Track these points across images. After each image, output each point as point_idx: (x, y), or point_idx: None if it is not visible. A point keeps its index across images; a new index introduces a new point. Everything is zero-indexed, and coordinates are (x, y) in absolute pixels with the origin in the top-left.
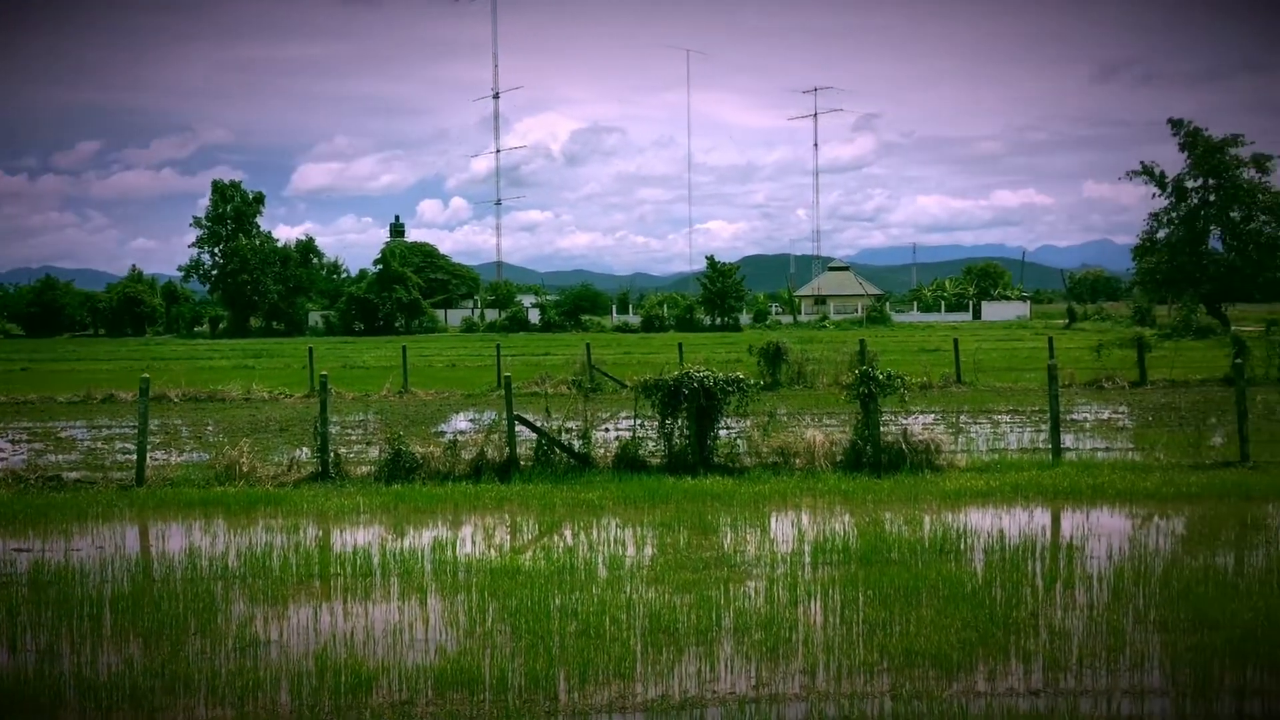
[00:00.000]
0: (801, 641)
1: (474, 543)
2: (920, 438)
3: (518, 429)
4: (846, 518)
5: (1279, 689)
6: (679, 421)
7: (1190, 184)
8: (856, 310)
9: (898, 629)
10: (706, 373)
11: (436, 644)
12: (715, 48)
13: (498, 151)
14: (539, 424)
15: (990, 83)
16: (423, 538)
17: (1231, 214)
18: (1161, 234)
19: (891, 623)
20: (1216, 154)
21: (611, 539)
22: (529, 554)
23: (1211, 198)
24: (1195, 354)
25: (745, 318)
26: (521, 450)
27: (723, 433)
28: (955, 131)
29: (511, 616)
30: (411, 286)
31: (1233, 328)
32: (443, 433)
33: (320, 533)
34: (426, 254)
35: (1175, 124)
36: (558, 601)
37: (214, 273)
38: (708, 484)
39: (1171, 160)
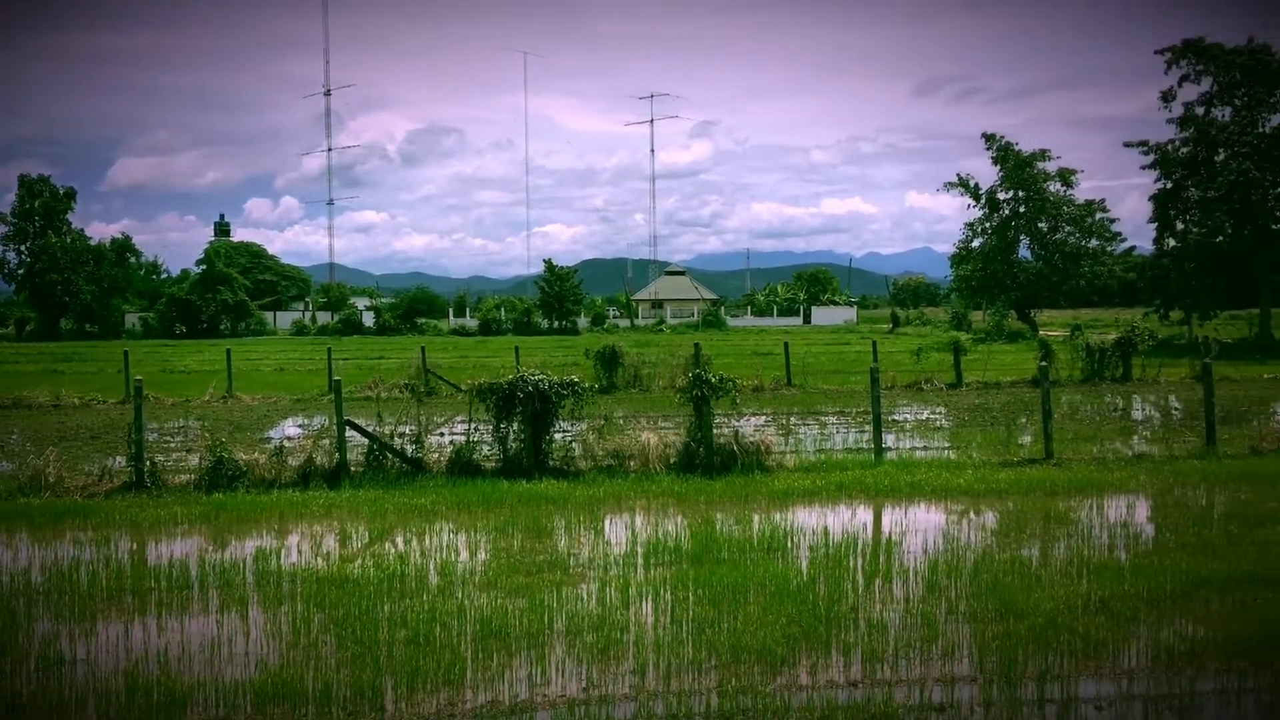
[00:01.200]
0: (632, 642)
1: (300, 552)
2: (751, 439)
3: (349, 434)
4: (679, 519)
5: (1077, 672)
6: (514, 425)
7: (1002, 196)
8: (693, 314)
9: (726, 627)
10: (542, 376)
11: (258, 658)
12: (555, 51)
13: (329, 150)
14: (370, 429)
15: (823, 95)
16: (245, 548)
17: (1039, 225)
18: (976, 243)
19: (720, 621)
20: (1026, 168)
21: (444, 545)
22: (358, 562)
23: (1021, 209)
24: (1007, 357)
25: (583, 321)
26: (352, 456)
27: (558, 436)
28: (789, 141)
29: (338, 626)
30: (238, 288)
31: (1040, 332)
32: (269, 439)
33: (134, 545)
34: (254, 254)
35: (989, 138)
36: (386, 610)
37: (20, 272)
38: (543, 487)
39: (986, 173)
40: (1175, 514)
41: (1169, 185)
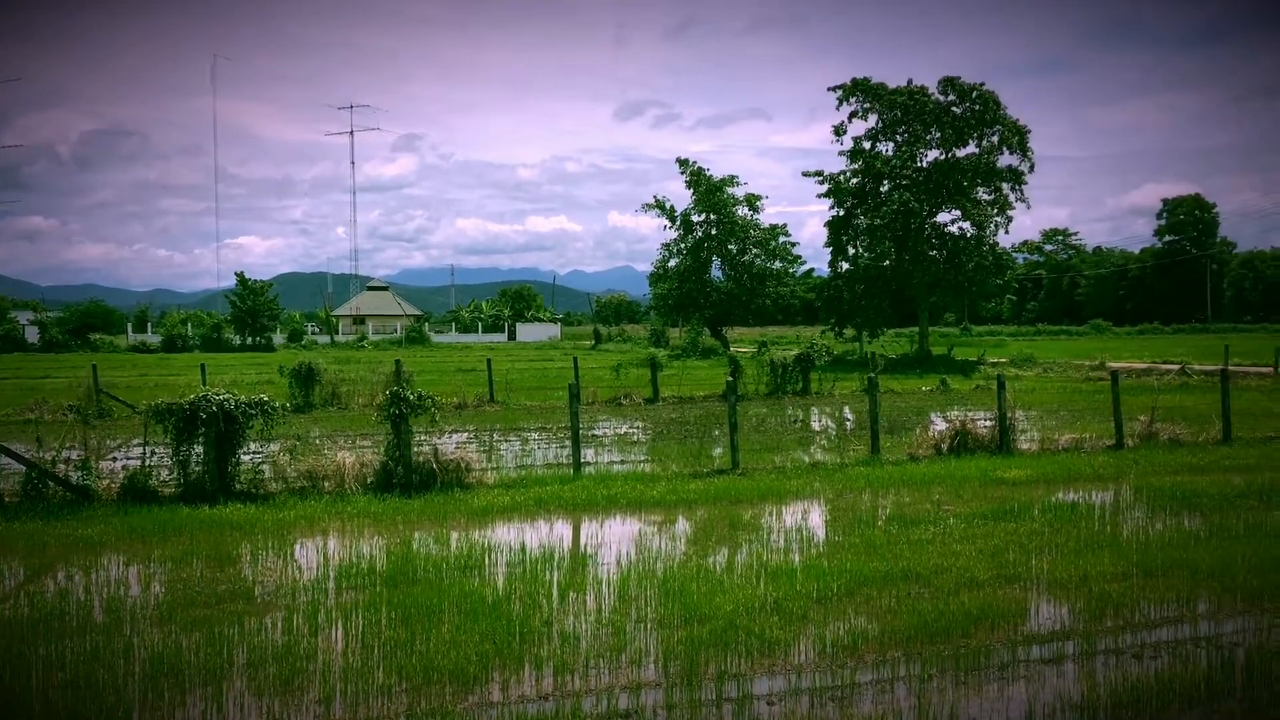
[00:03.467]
0: (319, 671)
1: None
2: (452, 457)
3: (3, 461)
4: (376, 540)
5: (753, 671)
6: (196, 448)
7: (695, 218)
8: (396, 330)
9: (418, 648)
10: (228, 395)
11: None
12: (249, 55)
13: None
14: (27, 454)
15: (529, 114)
16: None
17: (730, 246)
18: (672, 263)
19: (413, 643)
20: (717, 192)
21: (113, 579)
22: (9, 603)
23: (713, 231)
24: (701, 372)
25: (279, 338)
26: (7, 485)
27: (247, 458)
28: (495, 157)
29: None
30: None
31: (731, 349)
32: None
33: None
34: None
35: (682, 163)
36: (42, 652)
37: None
38: (228, 513)
39: (682, 196)
40: (844, 518)
41: (841, 213)
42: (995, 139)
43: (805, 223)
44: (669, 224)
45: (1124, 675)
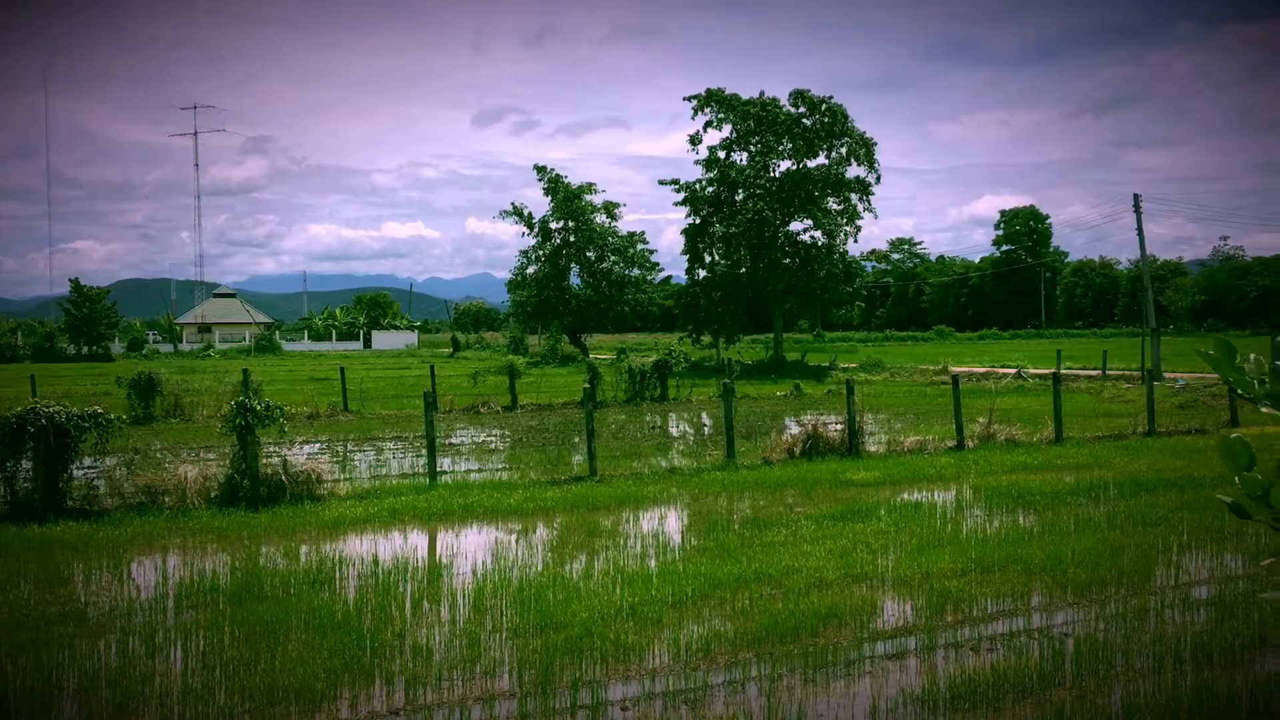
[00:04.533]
0: (156, 694)
1: None
2: (302, 468)
3: None
4: (219, 556)
5: (607, 677)
6: (24, 463)
7: (554, 225)
8: (245, 339)
9: (263, 667)
10: (58, 407)
11: None
12: (87, 51)
13: None
14: None
15: (385, 118)
16: None
17: (588, 254)
18: (531, 270)
19: (257, 661)
20: (575, 199)
21: None
22: None
23: (571, 238)
24: (560, 379)
25: (118, 347)
26: None
27: (80, 473)
28: (350, 162)
29: None
30: None
31: (590, 355)
32: None
33: None
34: None
35: (540, 170)
36: None
37: None
38: (59, 531)
39: (540, 203)
40: (700, 522)
41: (698, 221)
42: (844, 150)
43: (664, 230)
44: (527, 231)
45: (962, 668)
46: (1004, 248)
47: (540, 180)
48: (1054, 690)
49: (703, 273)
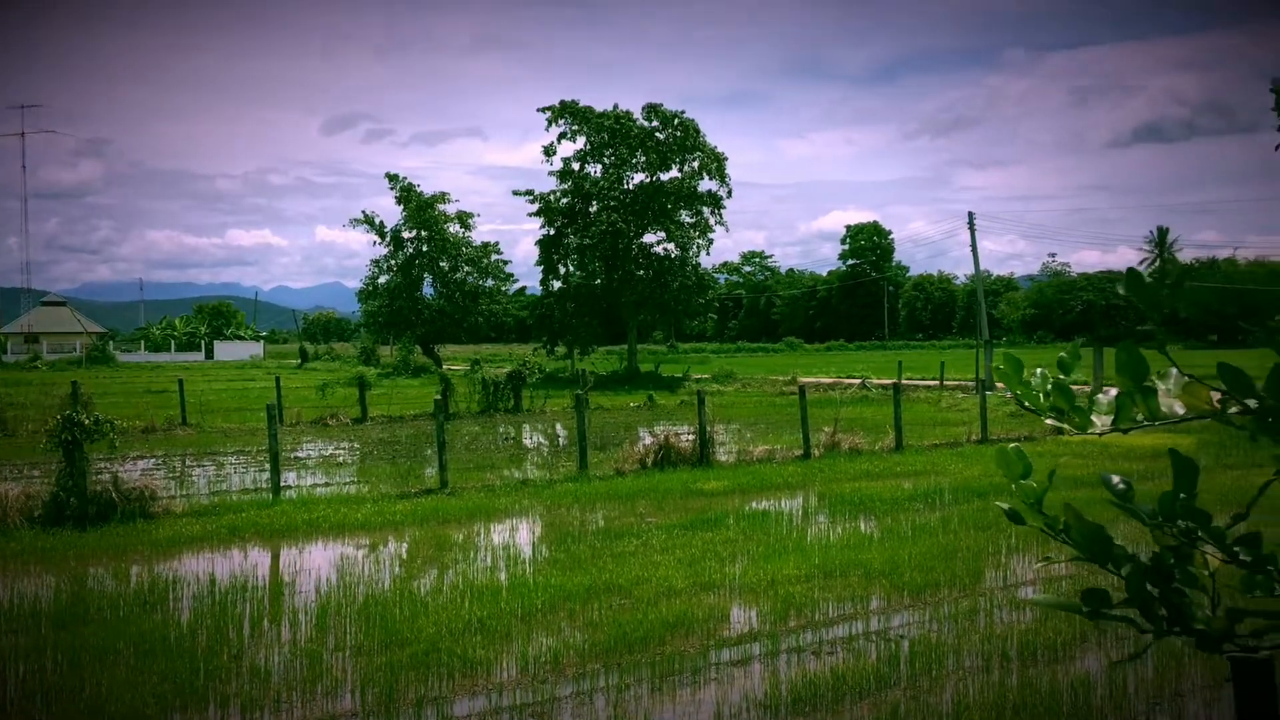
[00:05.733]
0: None
1: None
2: (135, 485)
3: None
4: (43, 578)
5: (454, 693)
6: None
7: (406, 235)
8: (75, 349)
9: (88, 694)
10: None
11: None
12: None
13: None
14: None
15: (231, 123)
16: None
17: (441, 264)
18: (383, 279)
19: (82, 689)
20: (427, 209)
21: None
22: None
23: (424, 248)
24: (412, 391)
25: None
26: None
27: None
28: (193, 167)
29: None
30: None
31: (444, 366)
32: None
33: None
34: None
35: (392, 178)
36: None
37: None
38: None
39: (393, 212)
40: (551, 534)
41: (552, 232)
42: (696, 164)
43: (519, 241)
44: (379, 240)
45: (804, 672)
46: (850, 262)
47: (392, 189)
48: (890, 691)
49: (557, 284)
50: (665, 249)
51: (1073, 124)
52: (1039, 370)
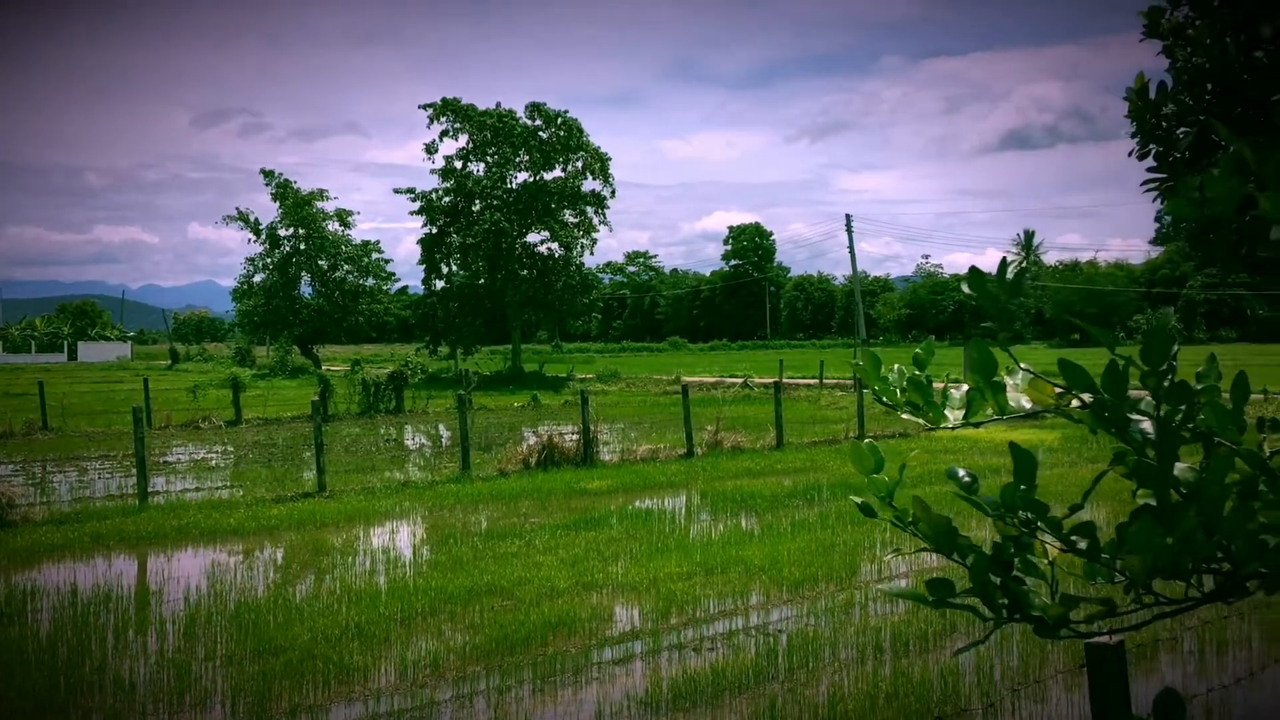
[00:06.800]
0: None
1: None
2: None
3: None
4: None
5: (329, 700)
6: None
7: (283, 232)
8: None
9: None
10: None
11: None
12: None
13: None
14: None
15: (100, 115)
16: None
17: (320, 262)
18: (258, 278)
19: None
20: (305, 206)
21: None
22: None
23: (302, 246)
24: (289, 392)
25: None
26: None
27: None
28: (59, 160)
29: None
30: None
31: (323, 367)
32: None
33: None
34: None
35: (268, 175)
36: None
37: None
38: None
39: (268, 209)
40: (433, 536)
41: (435, 231)
42: (580, 164)
43: (401, 239)
44: (254, 238)
45: (685, 668)
46: (733, 262)
47: (268, 185)
48: (768, 684)
49: (440, 283)
50: (549, 248)
51: (944, 130)
52: (896, 367)
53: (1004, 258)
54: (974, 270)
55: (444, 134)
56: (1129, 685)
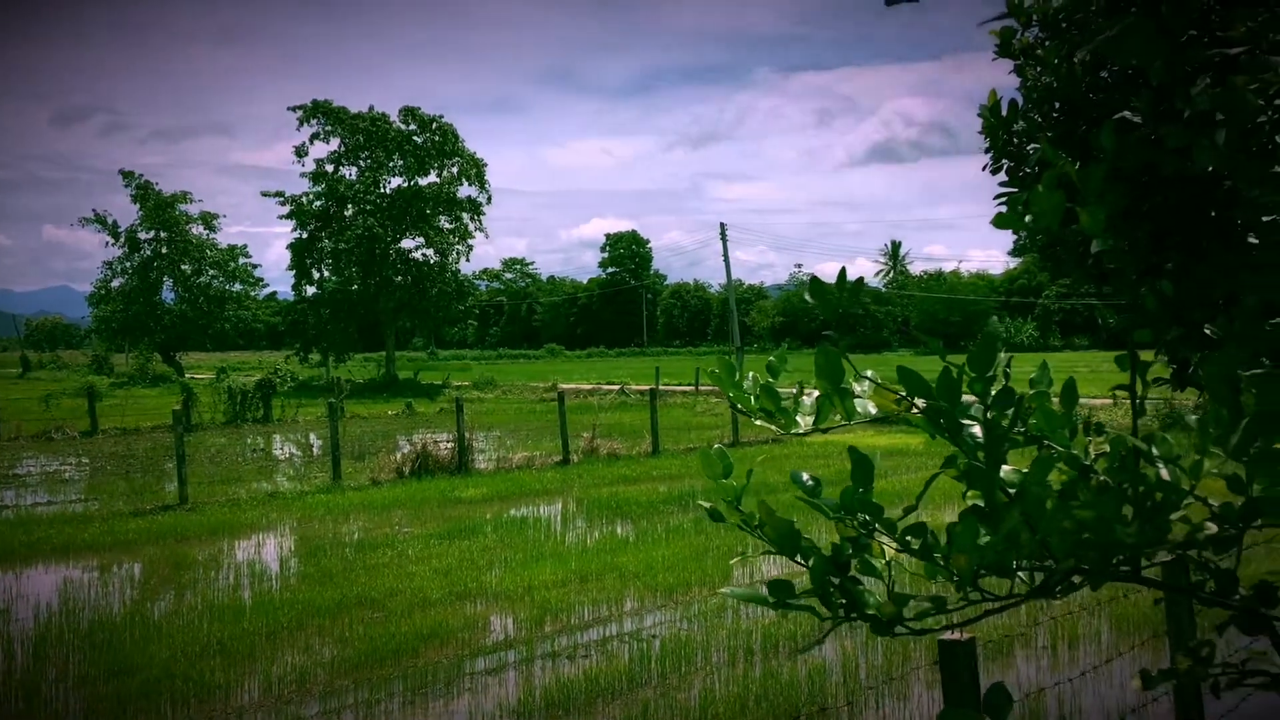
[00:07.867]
0: None
1: None
2: None
3: None
4: None
5: (189, 719)
6: None
7: (143, 236)
8: None
9: None
10: None
11: None
12: None
13: None
14: None
15: None
16: None
17: (183, 267)
18: (117, 282)
19: None
20: (167, 209)
21: None
22: None
23: (164, 250)
24: (150, 401)
25: None
26: None
27: None
28: None
29: None
30: None
31: (187, 375)
32: None
33: None
34: None
35: (127, 176)
36: None
37: None
38: None
39: (128, 211)
40: (301, 548)
41: (305, 236)
42: (455, 170)
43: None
44: (113, 241)
45: (558, 676)
46: (610, 270)
47: (128, 187)
48: (641, 690)
49: (311, 289)
50: (424, 254)
51: (815, 142)
52: (751, 375)
53: (843, 268)
54: (815, 280)
55: (315, 137)
56: (979, 679)
